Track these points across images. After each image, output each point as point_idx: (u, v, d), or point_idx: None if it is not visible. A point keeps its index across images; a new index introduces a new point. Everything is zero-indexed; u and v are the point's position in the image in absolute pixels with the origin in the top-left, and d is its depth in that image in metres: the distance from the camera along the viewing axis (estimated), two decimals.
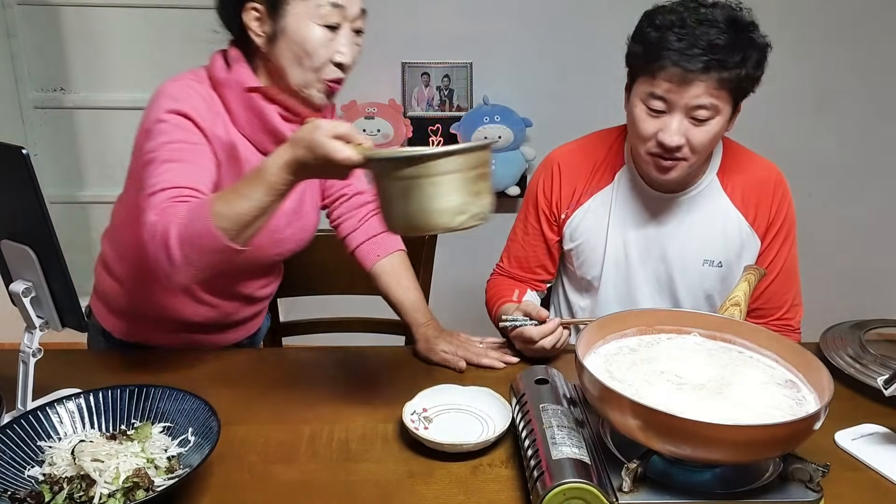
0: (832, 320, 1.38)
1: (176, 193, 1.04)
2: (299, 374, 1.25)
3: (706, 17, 1.17)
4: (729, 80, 1.17)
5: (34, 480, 0.91)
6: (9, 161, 0.91)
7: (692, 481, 0.89)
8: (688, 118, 1.20)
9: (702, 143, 1.22)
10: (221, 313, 1.37)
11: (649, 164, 1.27)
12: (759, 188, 1.36)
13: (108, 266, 1.35)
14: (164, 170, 1.07)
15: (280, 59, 1.17)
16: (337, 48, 1.17)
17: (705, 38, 1.15)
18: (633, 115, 1.25)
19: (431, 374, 1.24)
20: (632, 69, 1.26)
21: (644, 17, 1.24)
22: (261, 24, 1.16)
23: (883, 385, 1.02)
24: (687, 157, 1.24)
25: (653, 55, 1.18)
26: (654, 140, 1.23)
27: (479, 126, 2.51)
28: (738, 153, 1.39)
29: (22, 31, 2.62)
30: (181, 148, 1.10)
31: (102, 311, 1.38)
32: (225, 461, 0.98)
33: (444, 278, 1.99)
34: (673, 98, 1.19)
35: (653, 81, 1.19)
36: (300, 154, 0.93)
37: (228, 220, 0.95)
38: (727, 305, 1.20)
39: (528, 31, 2.57)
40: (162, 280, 1.03)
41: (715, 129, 1.21)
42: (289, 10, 1.14)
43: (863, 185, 2.79)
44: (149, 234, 1.00)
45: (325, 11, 1.14)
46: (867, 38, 2.61)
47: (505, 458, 1.01)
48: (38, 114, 2.72)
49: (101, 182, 2.82)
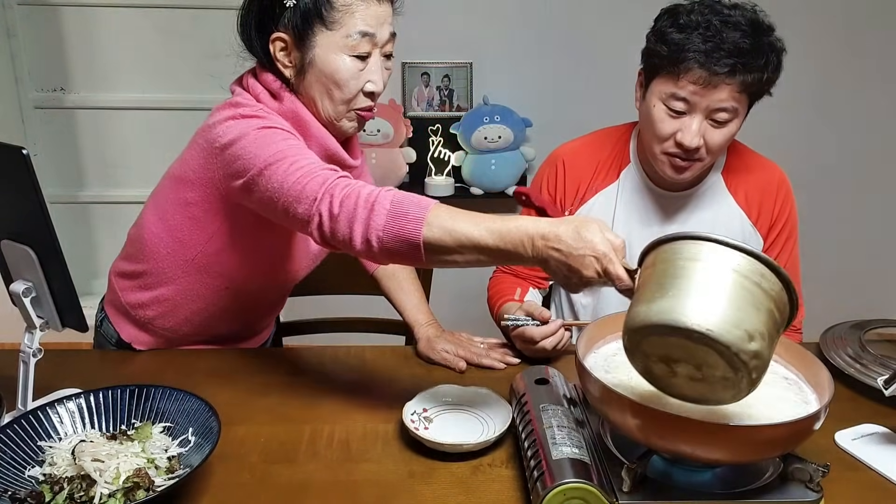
0: (832, 320, 1.38)
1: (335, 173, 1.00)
2: (299, 374, 1.25)
3: (730, 20, 1.16)
4: (751, 84, 1.18)
5: (34, 480, 0.91)
6: (9, 161, 0.91)
7: (692, 481, 0.89)
8: (707, 120, 1.21)
9: (718, 145, 1.23)
10: (247, 324, 1.40)
11: (665, 163, 1.27)
12: (762, 188, 1.37)
13: (144, 281, 1.28)
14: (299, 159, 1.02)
15: (309, 91, 1.14)
16: (368, 77, 1.14)
17: (731, 40, 1.15)
18: (651, 114, 1.24)
19: (431, 374, 1.24)
20: (651, 68, 1.25)
21: (665, 17, 1.23)
22: (287, 54, 1.13)
23: (883, 385, 1.02)
24: (703, 157, 1.24)
25: (678, 56, 1.17)
26: (671, 140, 1.23)
27: (479, 126, 2.51)
28: (742, 153, 1.39)
29: (22, 31, 2.62)
30: (299, 145, 1.07)
31: (121, 321, 1.33)
32: (225, 461, 0.98)
33: (445, 278, 1.99)
34: (696, 100, 1.18)
35: (676, 82, 1.19)
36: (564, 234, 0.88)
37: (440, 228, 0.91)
38: None
39: (528, 31, 2.57)
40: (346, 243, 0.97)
41: (732, 130, 1.23)
42: (317, 41, 1.10)
43: (863, 185, 2.79)
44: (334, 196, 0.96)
45: (354, 42, 1.10)
46: (868, 37, 2.61)
47: (505, 458, 1.01)
48: (38, 114, 2.72)
49: (101, 182, 2.82)
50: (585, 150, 1.43)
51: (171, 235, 1.22)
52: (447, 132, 2.59)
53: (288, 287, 1.39)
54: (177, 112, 2.69)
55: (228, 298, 1.28)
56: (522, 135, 2.58)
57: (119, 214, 2.83)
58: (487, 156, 2.55)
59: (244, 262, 1.23)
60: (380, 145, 2.52)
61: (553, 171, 1.44)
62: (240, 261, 1.23)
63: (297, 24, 1.10)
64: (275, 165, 1.02)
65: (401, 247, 0.93)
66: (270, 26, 1.12)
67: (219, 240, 1.20)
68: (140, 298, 1.29)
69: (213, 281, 1.25)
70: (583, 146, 1.44)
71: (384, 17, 1.14)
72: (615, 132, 1.43)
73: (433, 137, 2.60)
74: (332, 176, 1.00)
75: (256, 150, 1.05)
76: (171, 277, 1.26)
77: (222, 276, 1.25)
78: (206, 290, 1.26)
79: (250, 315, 1.38)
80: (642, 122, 1.30)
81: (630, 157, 1.39)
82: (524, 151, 2.61)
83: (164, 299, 1.28)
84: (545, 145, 2.02)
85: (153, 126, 2.75)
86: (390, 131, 2.51)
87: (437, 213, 0.93)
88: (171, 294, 1.27)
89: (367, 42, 1.11)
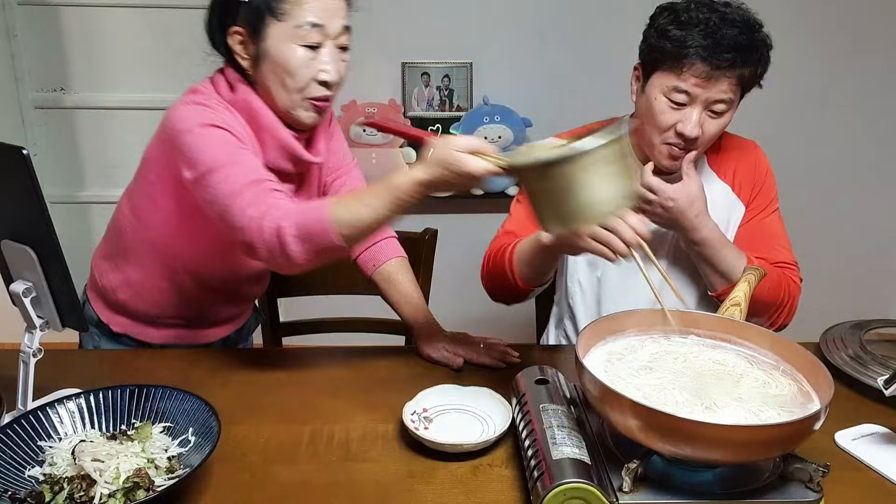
0: (832, 320, 1.38)
1: (258, 187, 1.09)
2: (299, 374, 1.25)
3: (727, 17, 1.24)
4: (747, 77, 1.27)
5: (34, 480, 0.91)
6: (9, 161, 0.91)
7: (692, 481, 0.89)
8: (706, 111, 1.28)
9: (713, 134, 1.31)
10: (215, 309, 1.42)
11: (663, 153, 1.33)
12: (741, 160, 1.45)
13: (115, 262, 1.36)
14: (230, 172, 1.10)
15: (265, 81, 1.19)
16: (319, 66, 1.17)
17: (730, 36, 1.22)
18: (653, 107, 1.29)
19: (431, 374, 1.24)
20: (651, 63, 1.30)
21: (664, 14, 1.29)
22: (244, 47, 1.19)
23: (883, 385, 1.02)
24: (698, 146, 1.31)
25: (680, 51, 1.23)
26: (672, 130, 1.29)
27: (480, 126, 2.51)
28: (722, 135, 1.44)
29: (22, 31, 2.62)
30: (233, 151, 1.14)
31: (99, 304, 1.40)
32: (225, 461, 0.98)
33: (444, 278, 1.99)
34: (697, 92, 1.25)
35: (679, 76, 1.25)
36: (437, 172, 0.98)
37: (348, 227, 1.03)
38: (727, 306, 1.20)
39: (528, 31, 2.57)
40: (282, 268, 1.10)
41: (726, 121, 1.31)
42: (269, 32, 1.15)
43: (863, 184, 2.79)
44: (252, 230, 1.06)
45: (305, 32, 1.15)
46: (868, 37, 2.61)
47: (505, 458, 1.01)
48: (38, 114, 2.72)
49: (101, 182, 2.82)
50: None
51: (133, 214, 1.31)
52: (447, 132, 2.59)
53: (250, 275, 1.40)
54: None
55: (189, 282, 1.33)
56: (522, 135, 2.58)
57: None
58: None
59: (195, 246, 1.28)
60: (380, 145, 2.52)
61: None
62: (191, 245, 1.28)
63: (252, 18, 1.16)
64: (209, 175, 1.11)
65: (328, 257, 1.07)
66: (229, 21, 1.19)
67: (173, 222, 1.26)
68: (112, 282, 1.37)
69: (172, 263, 1.32)
70: None
71: (335, 9, 1.17)
72: (600, 127, 1.42)
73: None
74: (250, 200, 1.08)
75: (197, 152, 1.13)
76: (137, 258, 1.33)
77: (178, 259, 1.31)
78: (167, 272, 1.32)
79: (217, 299, 1.40)
80: (643, 114, 1.34)
81: None
82: None
83: (134, 282, 1.34)
84: None
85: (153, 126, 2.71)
86: None
87: (338, 216, 1.03)
88: (138, 277, 1.34)
89: (317, 32, 1.16)
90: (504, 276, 1.34)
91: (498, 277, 1.37)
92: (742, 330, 1.05)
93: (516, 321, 2.15)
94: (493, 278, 1.39)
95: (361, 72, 2.66)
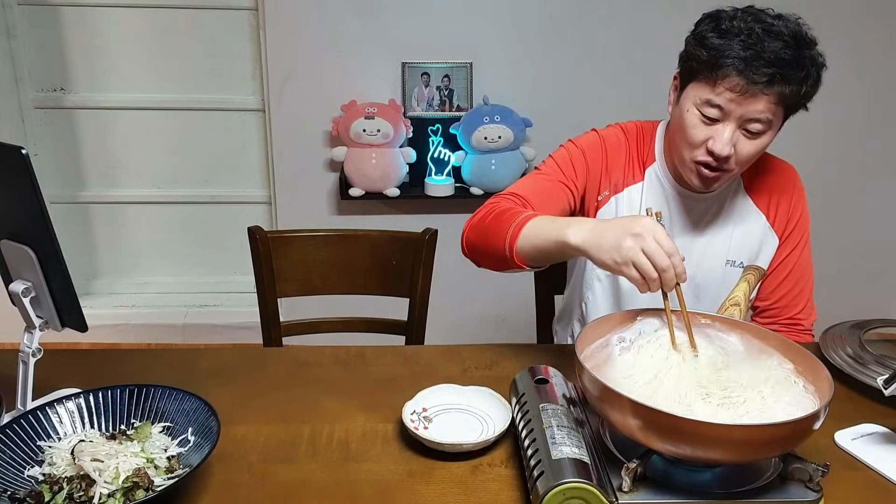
0: (832, 320, 1.38)
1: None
2: (299, 374, 1.25)
3: (773, 29, 1.14)
4: (789, 96, 1.15)
5: (34, 480, 0.91)
6: (9, 161, 0.91)
7: (692, 481, 0.89)
8: (740, 129, 1.18)
9: (748, 157, 1.21)
10: None
11: (693, 172, 1.25)
12: (779, 189, 1.37)
13: None
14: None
15: (671, 127, 1.29)
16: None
17: (772, 50, 1.12)
18: (684, 120, 1.22)
19: (431, 374, 1.24)
20: (688, 72, 1.22)
21: (706, 21, 1.20)
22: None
23: (883, 385, 1.02)
24: (731, 168, 1.22)
25: (716, 62, 1.14)
26: (703, 148, 1.21)
27: (479, 126, 2.51)
28: None
29: (22, 31, 2.62)
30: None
31: None
32: (225, 461, 0.98)
33: (444, 278, 1.99)
34: (731, 108, 1.16)
35: (713, 89, 1.16)
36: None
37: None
38: (727, 305, 1.20)
39: (528, 31, 2.57)
40: None
41: (764, 142, 1.20)
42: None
43: (863, 185, 2.79)
44: None
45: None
46: (868, 36, 2.61)
47: (505, 458, 1.01)
48: (38, 114, 2.72)
49: (101, 182, 2.82)
50: (622, 140, 1.38)
51: None
52: (447, 132, 2.59)
53: None
54: (177, 112, 2.69)
55: None
56: (522, 135, 2.58)
57: (119, 214, 2.84)
58: (487, 156, 2.55)
59: None
60: (380, 145, 2.52)
61: (601, 150, 1.37)
62: None
63: None
64: None
65: None
66: None
67: None
68: None
69: None
70: (621, 134, 1.39)
71: None
72: (637, 128, 1.40)
73: (433, 137, 2.60)
74: None
75: None
76: None
77: None
78: None
79: None
80: (675, 128, 1.27)
81: (655, 156, 1.37)
82: (524, 151, 2.61)
83: None
84: (545, 145, 2.02)
85: (153, 126, 2.75)
86: (390, 131, 2.51)
87: None
88: None
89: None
90: (498, 241, 1.20)
91: (490, 236, 1.22)
92: (741, 329, 1.05)
93: (516, 321, 2.15)
94: (483, 235, 1.24)
95: (361, 72, 2.67)
